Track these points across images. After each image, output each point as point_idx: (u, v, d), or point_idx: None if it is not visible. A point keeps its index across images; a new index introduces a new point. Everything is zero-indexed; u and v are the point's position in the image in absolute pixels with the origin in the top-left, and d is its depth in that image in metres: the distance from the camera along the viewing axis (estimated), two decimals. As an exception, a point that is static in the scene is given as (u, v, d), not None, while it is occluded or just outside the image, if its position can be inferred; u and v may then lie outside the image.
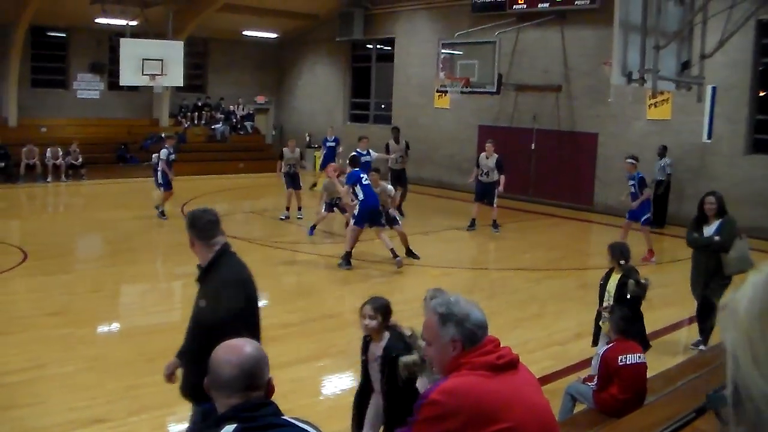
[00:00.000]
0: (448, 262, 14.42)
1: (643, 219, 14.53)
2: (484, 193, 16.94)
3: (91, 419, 6.83)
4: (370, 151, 17.65)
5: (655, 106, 18.78)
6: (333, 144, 22.37)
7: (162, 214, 17.55)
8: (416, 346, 5.29)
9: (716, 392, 0.91)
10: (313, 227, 15.84)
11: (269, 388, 2.76)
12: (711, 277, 8.87)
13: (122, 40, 22.22)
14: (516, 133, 21.96)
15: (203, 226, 5.12)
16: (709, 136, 15.74)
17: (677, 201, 18.24)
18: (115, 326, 10.32)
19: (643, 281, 7.46)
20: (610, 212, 19.51)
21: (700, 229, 9.03)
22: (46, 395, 7.34)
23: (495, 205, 16.89)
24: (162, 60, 22.32)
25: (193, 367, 4.90)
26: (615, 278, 7.62)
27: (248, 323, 4.88)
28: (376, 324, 5.40)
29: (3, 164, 23.03)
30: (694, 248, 9.16)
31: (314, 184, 22.01)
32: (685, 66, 12.00)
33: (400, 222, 14.45)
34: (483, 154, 17.06)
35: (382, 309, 5.45)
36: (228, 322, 4.66)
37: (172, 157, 17.95)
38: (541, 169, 21.69)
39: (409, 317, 6.33)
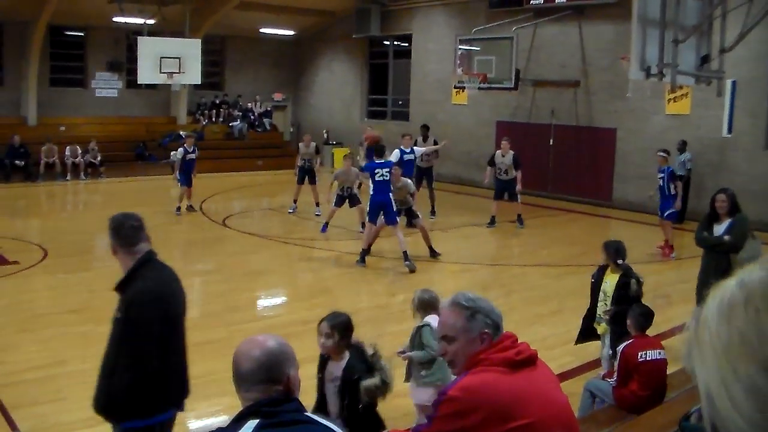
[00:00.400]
0: (467, 258, 14.40)
1: (667, 213, 14.50)
2: (504, 190, 16.89)
3: (111, 416, 6.85)
4: (414, 148, 17.43)
5: (674, 101, 18.66)
6: None
7: (178, 210, 17.68)
8: (378, 367, 5.04)
9: (687, 419, 0.83)
10: (326, 225, 15.72)
11: (289, 384, 2.76)
12: (721, 280, 8.58)
13: (140, 39, 22.33)
14: (534, 129, 21.89)
15: (126, 232, 4.76)
16: (730, 131, 15.61)
17: (697, 197, 18.09)
18: (135, 323, 10.35)
19: (641, 280, 7.28)
20: (628, 208, 19.43)
21: (710, 228, 8.60)
22: (67, 392, 7.38)
23: (519, 201, 16.86)
24: (179, 58, 22.42)
25: (109, 381, 4.59)
26: (612, 278, 7.37)
27: (166, 338, 4.56)
28: (332, 343, 5.14)
29: (23, 163, 23.19)
30: (703, 248, 8.77)
31: None
32: (705, 60, 11.93)
33: (420, 217, 14.36)
34: (498, 152, 16.95)
35: (339, 326, 5.18)
36: (140, 336, 4.42)
37: (191, 156, 18.00)
38: (559, 165, 21.61)
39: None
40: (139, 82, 23.56)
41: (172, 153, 24.93)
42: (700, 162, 18.19)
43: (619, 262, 7.34)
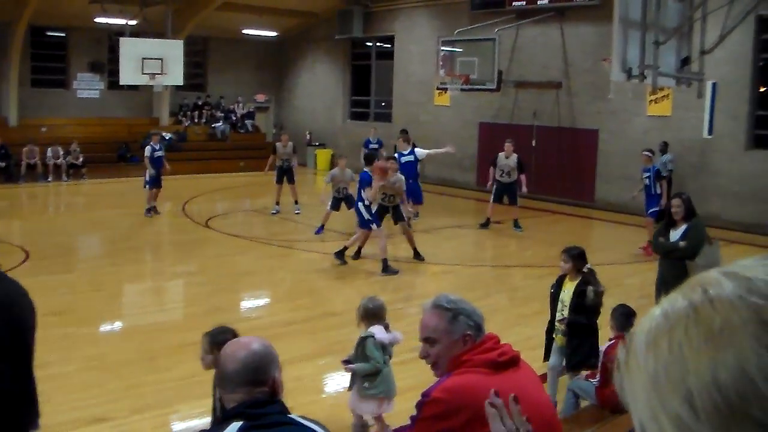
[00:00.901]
0: (450, 259, 14.41)
1: (650, 212, 14.59)
2: (504, 193, 16.77)
3: (93, 418, 6.84)
4: (416, 150, 17.08)
5: (656, 102, 18.77)
6: (376, 146, 22.02)
7: (148, 211, 17.55)
8: None
9: None
10: (322, 227, 15.58)
11: (274, 386, 2.77)
12: (677, 287, 7.93)
13: (122, 40, 22.23)
14: (516, 130, 21.91)
15: None
16: (710, 132, 15.71)
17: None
18: (117, 325, 10.33)
19: (601, 289, 6.86)
20: (611, 209, 19.51)
21: (667, 234, 8.44)
22: (49, 394, 7.28)
23: (518, 205, 16.84)
24: (162, 59, 22.32)
25: None
26: (571, 286, 6.95)
27: (14, 356, 4.19)
28: (210, 360, 4.82)
29: (4, 164, 23.06)
30: (659, 254, 8.71)
31: None
32: (685, 62, 12.00)
33: (405, 219, 14.25)
34: (502, 154, 16.75)
35: (220, 344, 4.55)
36: None
37: (158, 153, 17.88)
38: (541, 166, 21.66)
39: (412, 314, 6.34)
40: (121, 83, 23.45)
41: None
42: (681, 163, 18.32)
43: (587, 268, 6.98)
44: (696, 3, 11.86)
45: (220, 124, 29.13)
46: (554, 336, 7.14)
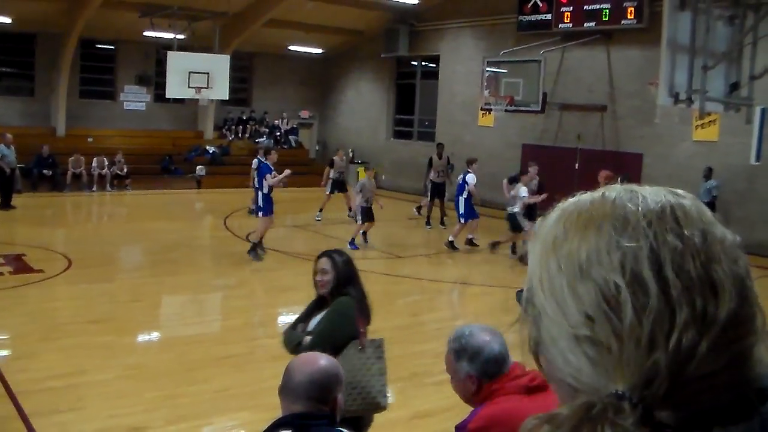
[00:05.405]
0: (486, 281, 14.31)
1: None
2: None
3: (130, 427, 6.86)
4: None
5: (702, 128, 18.55)
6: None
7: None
8: None
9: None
10: (356, 240, 16.16)
11: (334, 405, 2.82)
12: None
13: (169, 53, 22.53)
14: (560, 153, 21.82)
15: None
16: (758, 159, 15.48)
17: (723, 224, 17.94)
18: (155, 335, 10.39)
19: None
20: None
21: (309, 318, 5.43)
22: (87, 401, 7.39)
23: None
24: (208, 73, 22.59)
25: None
26: None
27: None
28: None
29: (50, 173, 23.41)
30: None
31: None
32: (734, 87, 11.86)
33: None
34: (525, 178, 16.90)
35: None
36: None
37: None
38: (585, 190, 21.44)
39: (440, 337, 6.26)
40: (167, 96, 23.77)
41: (197, 168, 25.30)
42: (727, 190, 18.02)
43: None
44: (746, 28, 11.72)
45: (263, 139, 29.31)
46: None
